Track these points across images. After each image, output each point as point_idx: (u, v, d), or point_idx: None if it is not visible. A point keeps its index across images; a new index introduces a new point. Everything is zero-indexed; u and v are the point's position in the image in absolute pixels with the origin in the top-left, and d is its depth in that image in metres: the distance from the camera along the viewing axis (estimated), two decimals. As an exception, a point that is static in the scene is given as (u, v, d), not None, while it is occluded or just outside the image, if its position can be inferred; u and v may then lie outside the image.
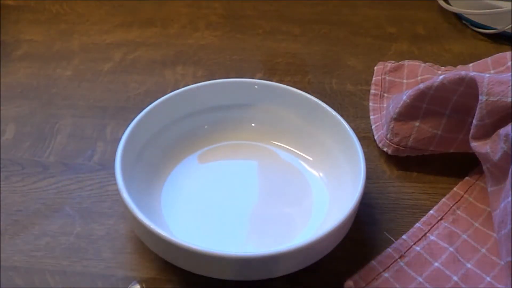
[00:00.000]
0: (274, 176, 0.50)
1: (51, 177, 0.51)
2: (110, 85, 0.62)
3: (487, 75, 0.46)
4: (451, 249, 0.45)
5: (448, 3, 0.75)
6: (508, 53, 0.56)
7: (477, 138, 0.46)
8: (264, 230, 0.46)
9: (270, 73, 0.64)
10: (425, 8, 0.77)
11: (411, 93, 0.51)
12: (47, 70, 0.65)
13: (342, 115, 0.50)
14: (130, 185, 0.43)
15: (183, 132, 0.52)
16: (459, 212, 0.48)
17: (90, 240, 0.45)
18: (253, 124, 0.53)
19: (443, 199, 0.49)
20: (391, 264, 0.44)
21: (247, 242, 0.45)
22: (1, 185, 0.49)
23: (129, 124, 0.47)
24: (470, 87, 0.47)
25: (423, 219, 0.48)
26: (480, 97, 0.45)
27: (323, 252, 0.42)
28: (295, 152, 0.53)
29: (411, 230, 0.47)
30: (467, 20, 0.73)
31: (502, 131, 0.43)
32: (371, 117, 0.58)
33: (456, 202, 0.49)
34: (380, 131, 0.55)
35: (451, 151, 0.52)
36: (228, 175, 0.48)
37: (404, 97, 0.51)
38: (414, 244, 0.45)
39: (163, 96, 0.50)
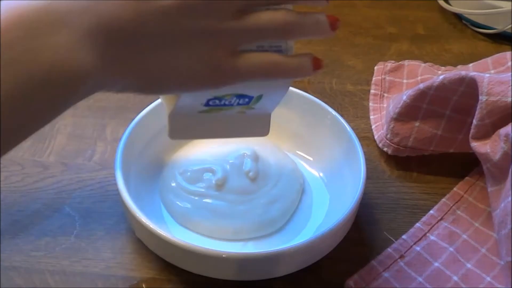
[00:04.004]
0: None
1: (51, 177, 0.51)
2: (110, 85, 0.62)
3: (487, 75, 0.46)
4: (451, 249, 0.45)
5: (448, 3, 0.75)
6: (508, 53, 0.56)
7: (477, 138, 0.46)
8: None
9: (270, 73, 0.64)
10: (425, 8, 0.77)
11: (411, 93, 0.51)
12: (47, 70, 0.64)
13: (342, 115, 0.50)
14: (130, 185, 0.43)
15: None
16: (459, 212, 0.48)
17: (90, 240, 0.45)
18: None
19: (443, 199, 0.49)
20: (391, 264, 0.44)
21: (248, 242, 0.45)
22: (1, 185, 0.49)
23: (129, 124, 0.47)
24: (470, 87, 0.47)
25: (423, 219, 0.47)
26: (480, 97, 0.45)
27: (323, 252, 0.42)
28: (295, 152, 0.53)
29: (411, 230, 0.47)
30: (467, 20, 0.73)
31: (502, 131, 0.43)
32: (371, 117, 0.58)
33: (456, 202, 0.49)
34: (380, 131, 0.55)
35: (451, 151, 0.52)
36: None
37: (404, 97, 0.51)
38: (414, 244, 0.45)
39: (163, 96, 0.50)
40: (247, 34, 0.31)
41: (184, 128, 0.39)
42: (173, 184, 0.47)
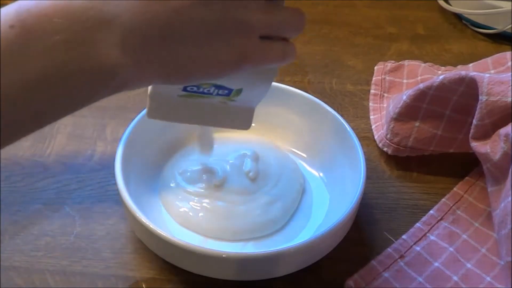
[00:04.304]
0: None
1: (51, 177, 0.51)
2: (110, 85, 0.62)
3: (487, 75, 0.46)
4: (451, 249, 0.45)
5: (448, 3, 0.75)
6: (508, 53, 0.56)
7: (477, 138, 0.46)
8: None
9: (270, 73, 0.64)
10: (425, 8, 0.77)
11: (411, 93, 0.51)
12: (47, 70, 0.64)
13: (342, 115, 0.50)
14: (130, 185, 0.43)
15: (183, 132, 0.52)
16: (459, 212, 0.48)
17: (90, 240, 0.45)
18: (253, 124, 0.53)
19: (443, 199, 0.49)
20: (391, 264, 0.44)
21: (248, 242, 0.45)
22: (1, 185, 0.49)
23: (129, 124, 0.47)
24: (470, 87, 0.47)
25: (423, 219, 0.48)
26: (480, 97, 0.45)
27: (323, 252, 0.42)
28: (295, 152, 0.53)
29: (411, 230, 0.47)
30: (467, 20, 0.73)
31: (502, 131, 0.43)
32: (371, 117, 0.58)
33: (456, 202, 0.49)
34: (380, 131, 0.55)
35: (451, 151, 0.52)
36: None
37: (404, 97, 0.51)
38: (414, 244, 0.45)
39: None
40: (272, 27, 0.33)
41: (163, 109, 0.39)
42: (173, 185, 0.48)
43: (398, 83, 0.61)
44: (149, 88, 0.38)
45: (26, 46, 0.27)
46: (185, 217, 0.46)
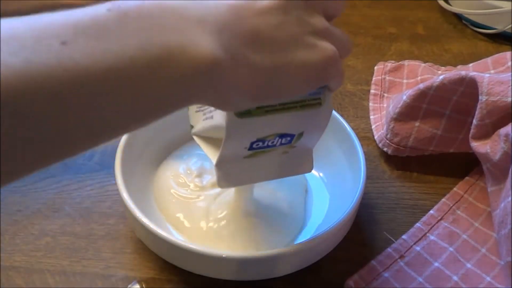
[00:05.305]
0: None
1: (51, 177, 0.51)
2: (110, 85, 0.62)
3: (487, 75, 0.46)
4: (451, 249, 0.45)
5: (448, 3, 0.75)
6: (508, 53, 0.56)
7: (477, 138, 0.46)
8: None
9: (270, 73, 0.64)
10: (425, 8, 0.77)
11: (411, 93, 0.51)
12: (47, 70, 0.64)
13: (342, 115, 0.50)
14: (130, 185, 0.43)
15: (183, 132, 0.51)
16: (459, 212, 0.48)
17: (90, 240, 0.45)
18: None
19: (443, 199, 0.49)
20: (391, 264, 0.44)
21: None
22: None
23: (129, 124, 0.47)
24: (470, 87, 0.47)
25: (423, 219, 0.48)
26: (480, 97, 0.45)
27: (323, 252, 0.42)
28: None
29: (411, 230, 0.47)
30: (467, 20, 0.73)
31: (502, 131, 0.43)
32: (371, 117, 0.58)
33: (456, 202, 0.49)
34: (380, 131, 0.55)
35: (451, 151, 0.52)
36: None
37: (404, 97, 0.51)
38: (414, 244, 0.45)
39: (163, 96, 0.50)
40: (341, 39, 0.33)
41: (232, 175, 0.38)
42: (171, 186, 0.47)
43: (398, 83, 0.61)
44: (213, 158, 0.37)
45: (124, 24, 0.25)
46: (183, 223, 0.45)
